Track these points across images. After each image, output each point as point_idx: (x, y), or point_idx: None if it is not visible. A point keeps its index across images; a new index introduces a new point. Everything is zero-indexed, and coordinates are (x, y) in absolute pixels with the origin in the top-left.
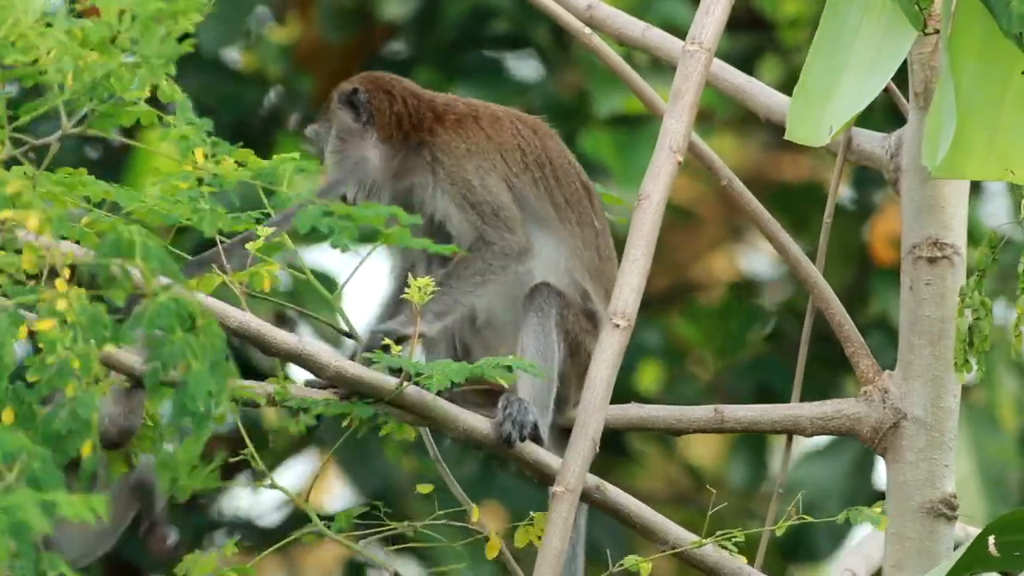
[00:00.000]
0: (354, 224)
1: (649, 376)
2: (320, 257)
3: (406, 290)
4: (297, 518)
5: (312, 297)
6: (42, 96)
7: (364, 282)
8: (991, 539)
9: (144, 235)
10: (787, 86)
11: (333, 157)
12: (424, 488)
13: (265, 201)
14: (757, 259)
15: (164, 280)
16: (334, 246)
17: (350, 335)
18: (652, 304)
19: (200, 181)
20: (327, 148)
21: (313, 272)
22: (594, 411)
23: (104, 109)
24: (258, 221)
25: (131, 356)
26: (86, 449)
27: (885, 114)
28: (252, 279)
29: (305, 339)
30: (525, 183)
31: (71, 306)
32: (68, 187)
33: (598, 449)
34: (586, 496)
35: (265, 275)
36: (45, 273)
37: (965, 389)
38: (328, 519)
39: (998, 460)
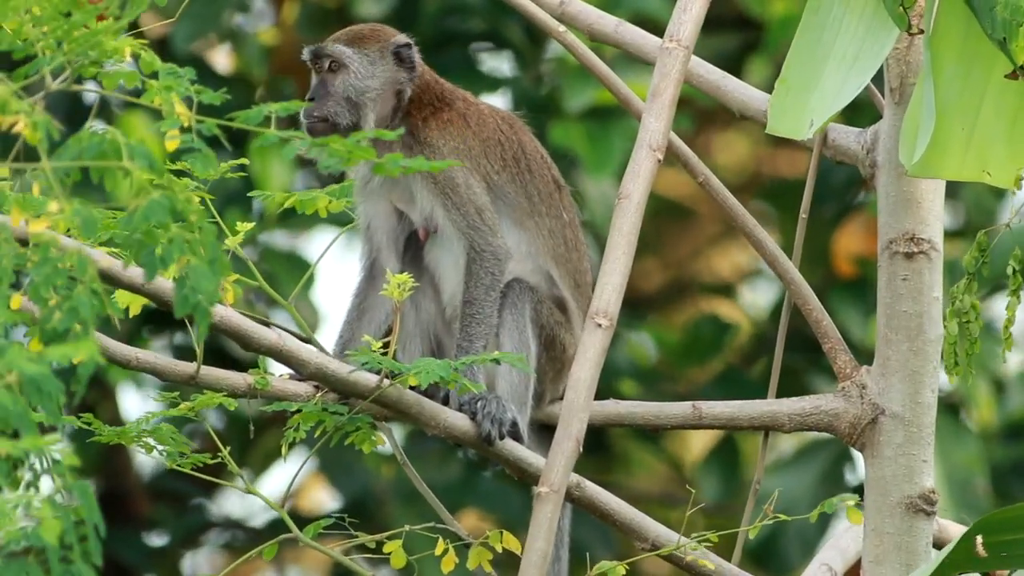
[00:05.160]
0: (344, 148)
1: (628, 389)
2: (296, 243)
3: (384, 286)
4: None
5: (287, 279)
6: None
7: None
8: (978, 539)
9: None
10: (773, 85)
11: (369, 94)
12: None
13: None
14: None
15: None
16: (324, 168)
17: (308, 340)
18: (651, 303)
19: (188, 129)
20: (358, 78)
21: (290, 257)
22: (578, 411)
23: (87, 71)
24: None
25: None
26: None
27: (862, 109)
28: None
29: (286, 336)
30: (504, 180)
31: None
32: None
33: (582, 449)
34: (566, 494)
35: (229, 288)
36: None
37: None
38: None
39: (965, 466)
